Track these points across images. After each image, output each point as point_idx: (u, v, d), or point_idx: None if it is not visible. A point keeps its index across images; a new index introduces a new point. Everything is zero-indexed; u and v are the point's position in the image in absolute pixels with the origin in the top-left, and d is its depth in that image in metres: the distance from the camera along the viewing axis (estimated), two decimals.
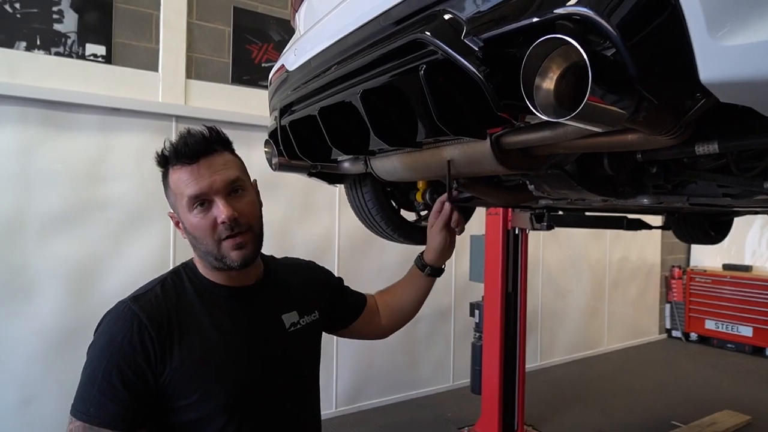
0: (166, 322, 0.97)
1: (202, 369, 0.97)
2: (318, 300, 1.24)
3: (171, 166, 1.02)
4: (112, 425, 0.91)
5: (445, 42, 0.69)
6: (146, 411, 0.95)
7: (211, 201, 0.99)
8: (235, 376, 1.00)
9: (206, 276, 1.07)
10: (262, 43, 3.46)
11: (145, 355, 0.94)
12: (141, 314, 0.96)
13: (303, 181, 3.56)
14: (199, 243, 1.01)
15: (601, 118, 0.58)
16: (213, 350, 0.99)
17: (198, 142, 1.00)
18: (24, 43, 2.70)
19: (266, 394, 1.05)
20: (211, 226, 0.99)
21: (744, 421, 3.72)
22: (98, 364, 0.94)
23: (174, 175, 1.01)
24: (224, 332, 1.02)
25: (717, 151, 0.88)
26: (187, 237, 1.04)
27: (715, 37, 0.48)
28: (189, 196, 0.98)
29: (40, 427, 2.68)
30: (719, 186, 1.18)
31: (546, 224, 2.42)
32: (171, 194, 1.04)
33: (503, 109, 0.66)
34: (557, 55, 0.57)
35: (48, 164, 2.73)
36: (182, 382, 0.96)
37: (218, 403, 0.98)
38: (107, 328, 0.97)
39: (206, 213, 0.99)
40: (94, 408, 0.91)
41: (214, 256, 1.01)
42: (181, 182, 0.99)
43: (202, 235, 1.00)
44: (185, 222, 1.02)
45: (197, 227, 1.00)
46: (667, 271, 6.34)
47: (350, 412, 3.78)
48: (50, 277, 2.73)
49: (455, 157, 1.05)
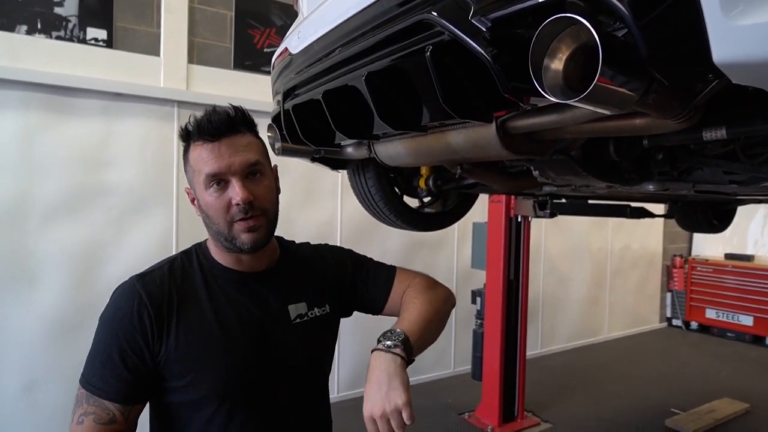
0: (166, 302, 0.99)
1: (195, 352, 0.98)
2: (333, 293, 1.19)
3: (193, 141, 1.01)
4: (109, 397, 0.95)
5: (451, 22, 0.67)
6: (143, 388, 0.98)
7: (227, 181, 0.99)
8: (226, 363, 0.99)
9: (216, 259, 1.07)
10: (264, 28, 3.42)
11: (142, 333, 0.96)
12: (143, 292, 0.99)
13: (305, 167, 3.54)
14: (211, 222, 1.02)
15: (611, 100, 0.57)
16: (208, 334, 1.00)
17: (222, 120, 0.99)
18: (25, 27, 2.68)
19: (261, 384, 1.03)
20: (225, 206, 0.99)
21: (743, 408, 3.74)
22: (102, 337, 0.99)
23: (194, 151, 1.01)
24: (222, 317, 1.02)
25: (725, 136, 0.87)
26: (201, 215, 1.04)
27: (729, 17, 0.47)
28: (206, 174, 0.98)
29: (43, 411, 2.70)
30: (726, 173, 1.17)
31: (549, 212, 2.42)
32: (189, 170, 1.03)
33: (511, 91, 0.65)
34: (567, 36, 0.56)
35: (50, 150, 2.73)
36: (176, 363, 0.98)
37: (209, 389, 0.98)
38: (113, 302, 1.01)
39: (221, 193, 0.99)
40: (95, 378, 0.96)
41: (225, 236, 1.01)
42: (201, 159, 0.99)
43: (215, 214, 1.00)
44: (200, 199, 1.02)
45: (211, 206, 1.00)
46: (668, 260, 6.33)
47: (352, 397, 3.80)
48: (53, 262, 2.74)
49: (460, 141, 1.04)
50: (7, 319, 2.63)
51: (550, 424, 3.50)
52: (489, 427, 3.38)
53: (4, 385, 2.63)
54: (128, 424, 0.97)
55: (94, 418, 0.94)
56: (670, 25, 0.52)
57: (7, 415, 2.64)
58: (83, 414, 0.95)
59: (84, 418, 0.94)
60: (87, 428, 0.94)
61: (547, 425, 3.49)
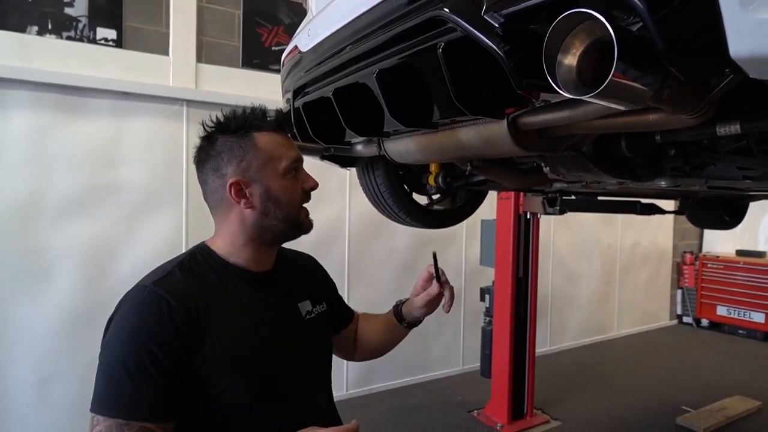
0: (193, 305, 0.93)
1: (231, 354, 0.94)
2: (324, 293, 1.23)
3: (259, 130, 1.01)
4: (151, 417, 0.86)
5: (464, 18, 0.67)
6: (178, 399, 0.90)
7: (298, 169, 1.05)
8: (259, 362, 0.99)
9: (227, 259, 1.03)
10: (272, 26, 3.43)
11: (178, 338, 0.89)
12: (168, 297, 0.91)
13: (314, 165, 3.55)
14: (279, 209, 1.02)
15: (625, 96, 0.57)
16: (238, 336, 0.97)
17: (285, 119, 1.06)
18: (36, 28, 2.70)
19: (290, 380, 1.04)
20: (299, 191, 1.05)
21: (755, 406, 3.71)
22: (127, 353, 0.87)
23: (265, 138, 1.01)
24: (247, 317, 1.01)
25: (739, 132, 0.87)
26: (260, 205, 1.01)
27: (746, 10, 0.47)
28: (293, 159, 1.03)
29: (57, 406, 2.73)
30: (739, 168, 1.16)
31: (558, 208, 2.41)
32: (257, 156, 1.00)
33: (524, 88, 0.65)
34: (581, 31, 0.56)
35: (62, 148, 2.75)
36: (212, 367, 0.92)
37: (247, 389, 0.96)
38: (130, 315, 0.92)
39: (296, 179, 1.05)
40: (128, 401, 0.85)
41: (292, 221, 1.05)
42: (281, 146, 1.03)
43: (292, 198, 1.04)
44: (272, 186, 1.00)
45: (288, 190, 1.03)
46: (678, 257, 6.28)
47: (361, 395, 3.82)
48: (66, 259, 2.77)
49: (470, 138, 1.03)
50: (21, 315, 2.66)
51: (559, 422, 3.49)
52: (498, 425, 3.37)
53: (18, 380, 2.66)
54: None
55: None
56: (686, 18, 0.52)
57: (21, 410, 2.67)
58: None
59: None
60: None
61: (556, 423, 3.48)
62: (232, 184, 0.99)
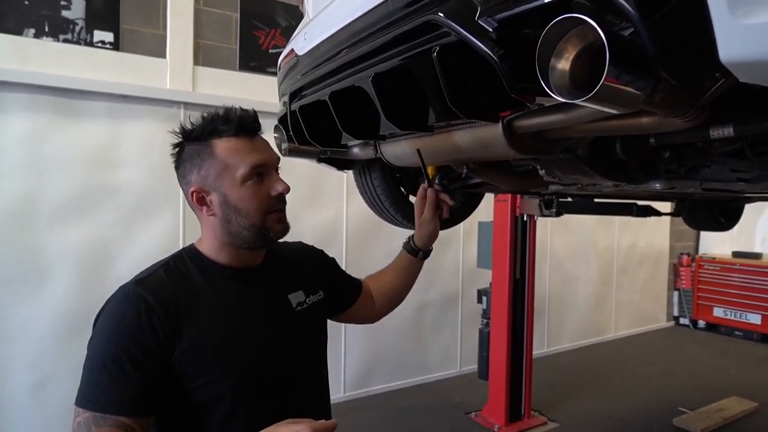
0: (173, 303, 0.96)
1: (212, 351, 0.96)
2: (320, 281, 1.24)
3: (219, 136, 1.01)
4: (125, 411, 0.88)
5: (458, 23, 0.68)
6: (156, 394, 0.93)
7: (264, 174, 1.02)
8: (244, 358, 1.00)
9: (212, 258, 1.06)
10: (269, 29, 3.44)
11: (154, 336, 0.92)
12: (147, 296, 0.94)
13: (311, 168, 3.55)
14: (241, 216, 1.01)
15: (618, 100, 0.57)
16: (223, 332, 0.99)
17: (253, 118, 1.04)
18: (33, 30, 2.70)
19: (278, 373, 1.05)
20: (264, 197, 1.02)
21: (752, 407, 3.72)
22: (106, 350, 0.91)
23: (224, 144, 1.00)
24: (233, 313, 1.02)
25: (732, 134, 0.87)
26: (220, 213, 1.02)
27: (735, 15, 0.48)
28: (252, 165, 1.00)
29: (53, 409, 2.73)
30: (733, 170, 1.17)
31: (555, 210, 2.42)
32: (213, 165, 1.00)
33: (518, 92, 0.65)
34: (573, 35, 0.56)
35: (59, 151, 2.75)
36: (192, 363, 0.95)
37: (230, 385, 0.97)
38: (111, 314, 0.95)
39: (260, 185, 1.01)
40: (105, 395, 0.89)
41: (256, 228, 1.02)
42: (239, 152, 1.00)
43: (253, 206, 1.00)
44: (230, 194, 1.00)
45: (248, 198, 1.00)
46: (675, 259, 6.30)
47: (358, 397, 3.82)
48: (62, 261, 2.77)
49: (466, 141, 1.04)
50: (17, 316, 2.66)
51: (557, 424, 3.49)
52: (496, 427, 3.38)
53: (15, 382, 2.66)
54: None
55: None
56: (676, 23, 0.52)
57: (17, 412, 2.66)
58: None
59: None
60: None
61: (554, 424, 3.48)
62: (193, 192, 1.02)
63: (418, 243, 1.40)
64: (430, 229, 1.37)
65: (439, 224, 1.39)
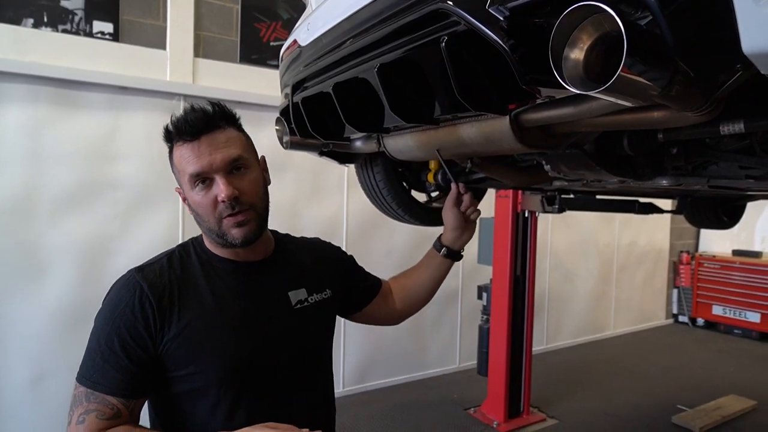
0: (167, 292, 0.99)
1: (198, 340, 0.98)
2: (331, 279, 1.23)
3: (174, 142, 1.02)
4: (112, 392, 0.94)
5: (468, 11, 0.66)
6: (146, 380, 0.97)
7: (212, 179, 0.99)
8: (230, 350, 1.00)
9: (212, 250, 1.08)
10: (270, 21, 3.41)
11: (145, 323, 0.96)
12: (143, 283, 0.98)
13: (311, 162, 3.55)
14: (201, 220, 1.03)
15: (633, 92, 0.56)
16: (210, 322, 1.00)
17: (199, 118, 0.99)
18: (31, 20, 2.67)
19: (266, 370, 1.04)
20: (212, 203, 0.99)
21: (750, 406, 3.72)
22: (101, 331, 0.97)
23: (177, 151, 1.02)
24: (224, 306, 1.02)
25: (743, 130, 0.86)
26: (192, 213, 1.05)
27: (759, 5, 0.46)
28: (190, 174, 0.99)
29: (52, 403, 2.72)
30: (741, 167, 1.15)
31: (557, 207, 2.40)
32: (175, 170, 1.04)
33: (529, 83, 0.63)
34: (588, 24, 0.54)
35: (58, 143, 2.73)
36: (178, 352, 0.97)
37: (213, 376, 0.98)
38: (111, 298, 1.00)
39: (207, 191, 1.00)
40: (97, 374, 0.94)
41: (215, 233, 1.02)
42: (183, 159, 1.00)
43: (204, 212, 1.01)
44: (189, 198, 1.03)
45: (199, 205, 1.01)
46: (675, 257, 6.30)
47: (357, 392, 3.81)
48: (61, 255, 2.75)
49: (472, 135, 1.02)
50: (16, 311, 2.64)
51: (556, 420, 3.49)
52: (495, 423, 3.37)
53: (13, 377, 2.65)
54: (132, 418, 0.97)
55: (96, 414, 0.92)
56: (697, 13, 0.51)
57: (15, 407, 2.65)
58: (84, 413, 0.93)
59: (85, 417, 0.92)
60: (90, 426, 0.92)
61: (552, 421, 3.48)
62: (179, 192, 1.08)
63: (442, 239, 1.38)
64: (449, 223, 1.35)
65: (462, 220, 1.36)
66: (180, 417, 1.02)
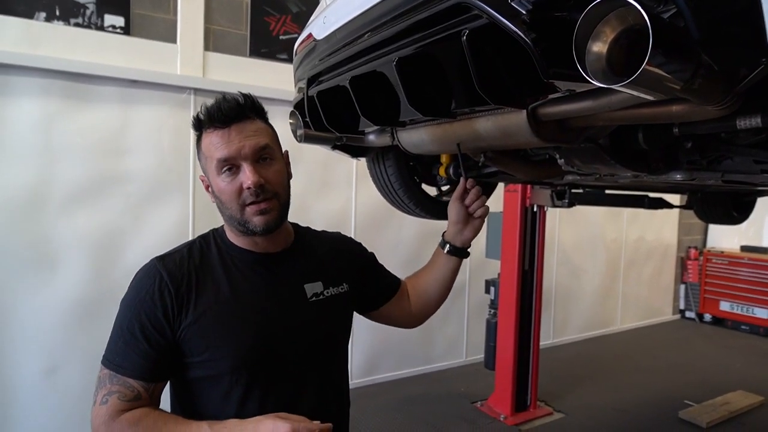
0: (185, 281, 1.02)
1: (212, 327, 1.01)
2: (349, 274, 1.23)
3: (204, 129, 1.04)
4: (133, 375, 0.98)
5: (490, 5, 0.66)
6: (165, 364, 1.01)
7: (238, 166, 1.02)
8: (242, 340, 1.02)
9: (232, 241, 1.11)
10: (280, 15, 3.41)
11: (163, 310, 1.00)
12: (163, 272, 1.02)
13: (321, 156, 3.55)
14: (224, 207, 1.05)
15: (656, 86, 0.56)
16: (224, 312, 1.02)
17: (232, 107, 1.02)
18: (43, 14, 2.69)
19: (278, 361, 1.05)
20: (236, 191, 1.01)
21: (758, 401, 3.72)
22: (124, 316, 1.01)
23: (206, 138, 1.04)
24: (239, 296, 1.05)
25: (760, 125, 0.85)
26: (215, 201, 1.07)
27: None
28: (218, 159, 1.01)
29: (64, 395, 2.75)
30: (756, 162, 1.15)
31: (567, 201, 2.40)
32: (203, 157, 1.06)
33: (551, 77, 0.64)
34: (613, 18, 0.55)
35: (70, 137, 2.75)
36: (194, 339, 1.00)
37: (225, 364, 1.01)
38: (134, 284, 1.04)
39: (233, 178, 1.02)
40: (120, 358, 0.99)
41: (237, 220, 1.04)
42: (212, 145, 1.02)
43: (228, 199, 1.03)
44: (213, 185, 1.05)
45: (223, 191, 1.02)
46: (683, 252, 6.28)
47: (365, 385, 3.84)
48: (73, 248, 2.77)
49: (488, 128, 1.03)
50: (29, 303, 2.68)
51: (562, 414, 3.50)
52: (502, 416, 3.39)
53: (26, 368, 2.68)
54: (152, 400, 1.00)
55: (118, 396, 0.96)
56: (723, 6, 0.51)
57: (29, 398, 2.69)
58: (107, 393, 0.97)
59: (108, 398, 0.96)
60: (112, 406, 0.96)
61: (559, 415, 3.49)
62: (202, 179, 1.10)
63: (446, 235, 1.32)
64: (452, 217, 1.29)
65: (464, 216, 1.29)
66: (196, 402, 1.04)
